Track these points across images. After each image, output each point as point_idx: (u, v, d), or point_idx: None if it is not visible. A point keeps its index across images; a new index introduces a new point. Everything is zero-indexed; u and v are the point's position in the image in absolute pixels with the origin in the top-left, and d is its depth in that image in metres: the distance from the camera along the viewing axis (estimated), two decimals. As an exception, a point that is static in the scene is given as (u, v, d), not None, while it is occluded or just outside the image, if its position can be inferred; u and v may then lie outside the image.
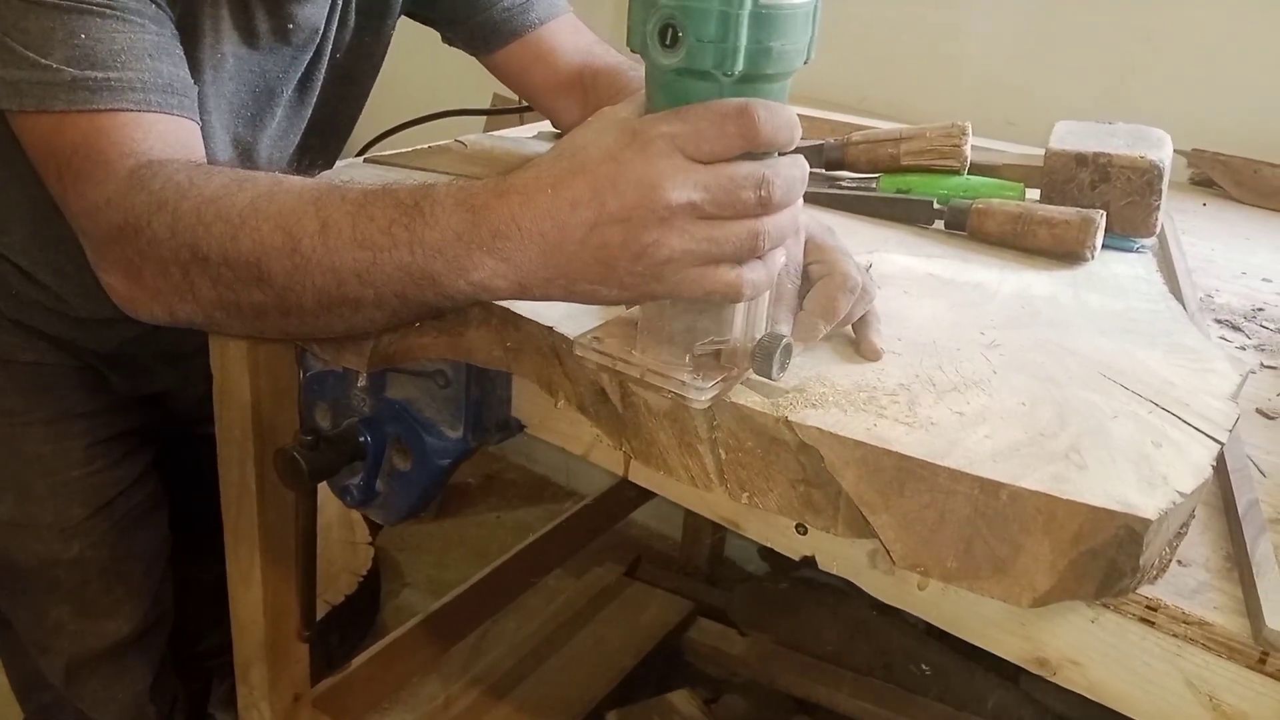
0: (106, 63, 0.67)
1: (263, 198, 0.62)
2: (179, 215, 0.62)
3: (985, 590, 0.53)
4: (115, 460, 1.04)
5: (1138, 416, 0.58)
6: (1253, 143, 1.30)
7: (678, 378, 0.57)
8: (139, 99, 0.68)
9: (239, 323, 0.65)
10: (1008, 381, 0.61)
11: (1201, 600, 0.53)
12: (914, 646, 1.61)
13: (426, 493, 0.79)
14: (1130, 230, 0.86)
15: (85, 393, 1.01)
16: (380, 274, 0.58)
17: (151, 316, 0.67)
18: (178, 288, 0.64)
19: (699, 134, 0.52)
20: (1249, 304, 0.93)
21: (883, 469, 0.53)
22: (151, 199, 0.63)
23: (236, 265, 0.61)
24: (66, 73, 0.66)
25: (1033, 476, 0.51)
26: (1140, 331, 0.70)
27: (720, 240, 0.53)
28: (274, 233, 0.60)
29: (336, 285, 0.59)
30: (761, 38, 0.50)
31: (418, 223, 0.57)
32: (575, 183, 0.54)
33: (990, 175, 0.97)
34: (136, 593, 1.09)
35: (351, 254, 0.58)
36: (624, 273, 0.54)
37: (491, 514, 2.18)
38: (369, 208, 0.59)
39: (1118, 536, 0.49)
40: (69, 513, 1.01)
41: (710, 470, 0.60)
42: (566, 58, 1.01)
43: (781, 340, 0.57)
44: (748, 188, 0.52)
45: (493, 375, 0.75)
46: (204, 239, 0.61)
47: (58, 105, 0.66)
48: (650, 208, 0.52)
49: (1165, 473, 0.52)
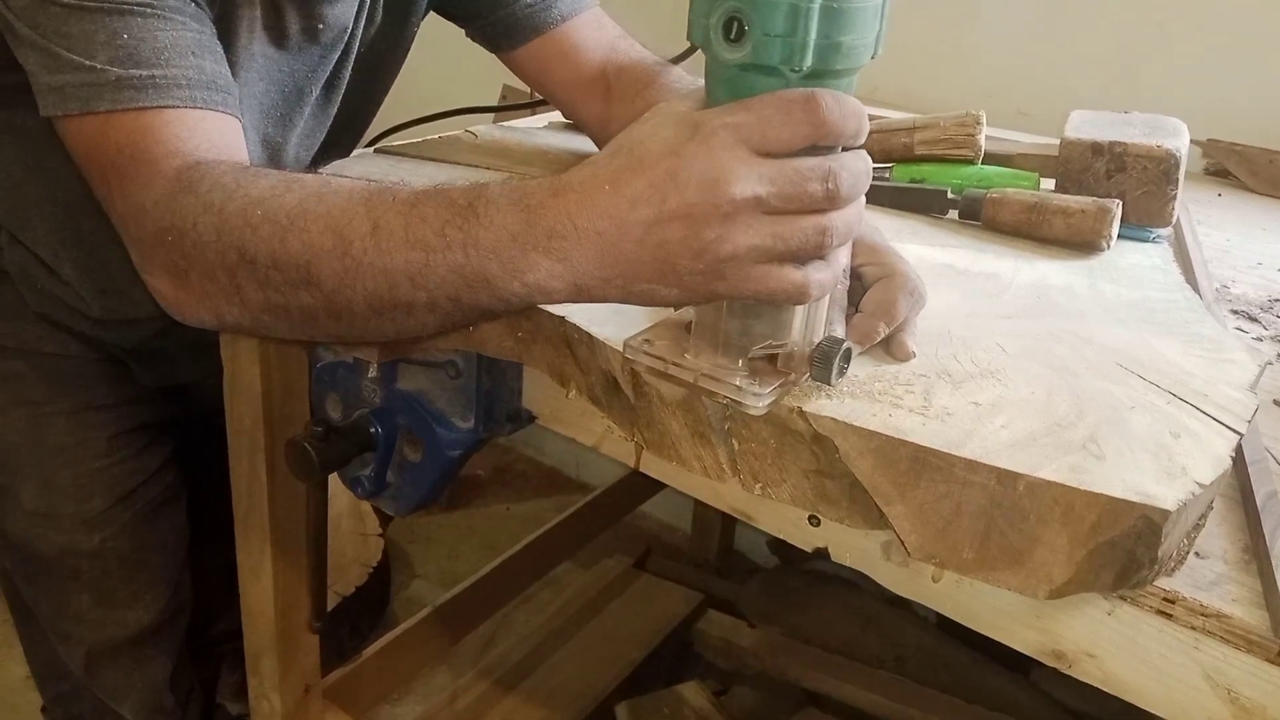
0: (150, 61, 0.66)
1: (311, 198, 0.61)
2: (225, 217, 0.61)
3: (1001, 582, 0.52)
4: (137, 451, 1.04)
5: (1156, 407, 0.57)
6: (1268, 132, 1.29)
7: (733, 383, 0.55)
8: (184, 96, 0.67)
9: (287, 326, 0.64)
10: (1024, 371, 0.60)
11: (1219, 593, 0.52)
12: (924, 639, 1.61)
13: (437, 484, 0.78)
14: (1146, 220, 0.85)
15: (108, 385, 1.01)
16: (433, 276, 0.57)
17: (198, 320, 0.67)
18: (225, 291, 0.63)
19: (764, 124, 0.50)
20: (1265, 295, 0.92)
21: (898, 459, 0.53)
22: (198, 201, 0.63)
23: (285, 267, 0.60)
24: (111, 72, 0.65)
25: (1050, 467, 0.50)
26: (1157, 321, 0.70)
27: (786, 236, 0.52)
28: (324, 234, 0.59)
29: (389, 288, 0.58)
30: (831, 32, 0.49)
31: (471, 223, 0.56)
32: (634, 179, 0.52)
33: (1005, 165, 0.97)
34: (157, 583, 1.10)
35: (404, 255, 0.57)
36: (684, 271, 0.53)
37: (501, 506, 2.18)
38: (421, 208, 0.57)
39: (1136, 528, 0.49)
40: (90, 503, 1.02)
41: (723, 461, 0.60)
42: (589, 54, 0.99)
43: (841, 344, 0.55)
44: (815, 181, 0.51)
45: (504, 366, 0.75)
46: (251, 241, 0.61)
47: (103, 105, 0.66)
48: (714, 203, 0.51)
49: (1184, 463, 0.52)
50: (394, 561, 1.90)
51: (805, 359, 0.56)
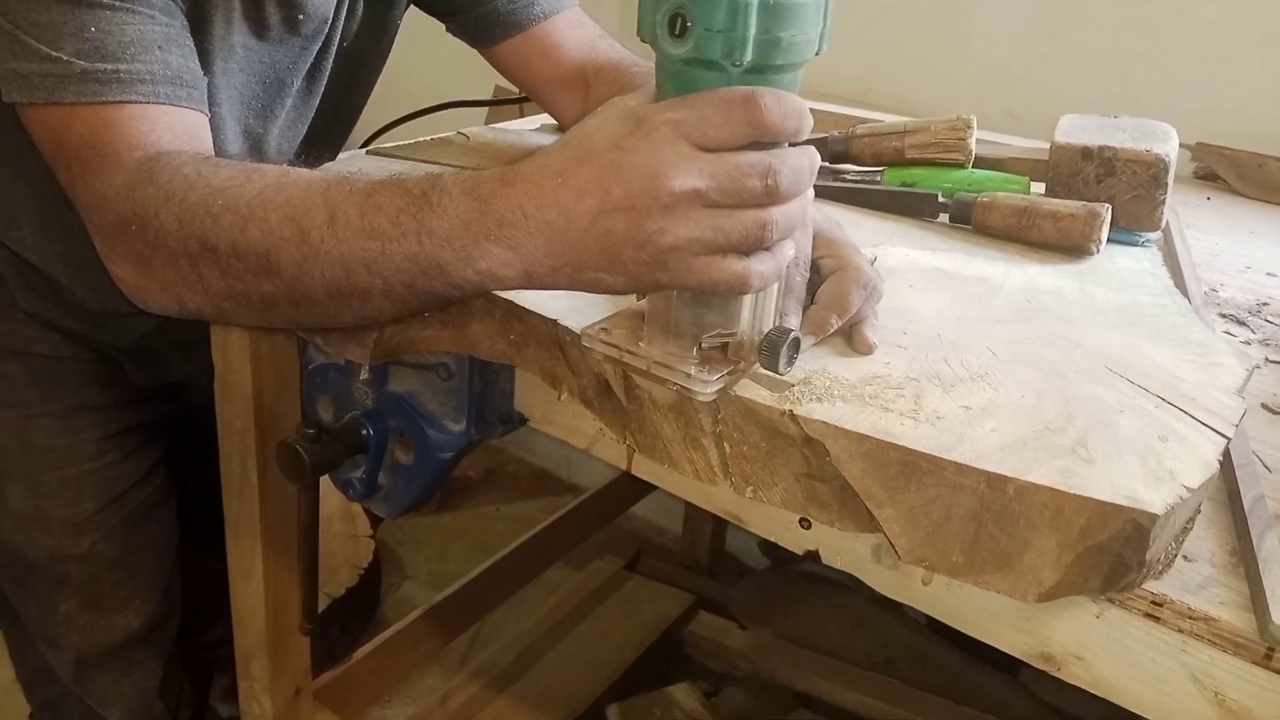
0: (116, 55, 0.67)
1: (271, 188, 0.62)
2: (186, 206, 0.62)
3: (991, 585, 0.53)
4: (126, 454, 1.04)
5: (1144, 411, 0.58)
6: (1257, 136, 1.30)
7: (683, 370, 0.57)
8: (147, 91, 0.68)
9: (248, 313, 0.65)
10: (1013, 375, 0.61)
11: (1207, 596, 0.52)
12: (915, 640, 1.62)
13: (429, 486, 0.78)
14: (1135, 224, 0.86)
15: (99, 386, 1.01)
16: (389, 264, 0.58)
17: (161, 307, 0.67)
18: (186, 279, 0.64)
19: (705, 120, 0.51)
20: (1254, 299, 0.93)
21: (888, 463, 0.53)
22: (159, 190, 0.63)
23: (245, 256, 0.61)
24: (76, 65, 0.66)
25: (1040, 471, 0.51)
26: (1146, 325, 0.70)
27: (726, 229, 0.53)
28: (282, 224, 0.60)
29: (345, 276, 0.59)
30: (771, 28, 0.50)
31: (425, 212, 0.57)
32: (581, 171, 0.54)
33: (995, 169, 0.97)
34: (146, 587, 1.09)
35: (360, 244, 0.58)
36: (629, 261, 0.54)
37: (492, 507, 2.18)
38: (376, 197, 0.59)
39: (1124, 531, 0.49)
40: (80, 506, 1.01)
41: (714, 464, 0.60)
42: (569, 52, 1.00)
43: (789, 334, 0.56)
44: (754, 176, 0.52)
45: (496, 368, 0.75)
46: (212, 230, 0.62)
47: (68, 97, 0.66)
48: (654, 195, 0.52)
49: (1172, 467, 0.52)
50: (384, 563, 1.89)
51: (754, 348, 0.57)
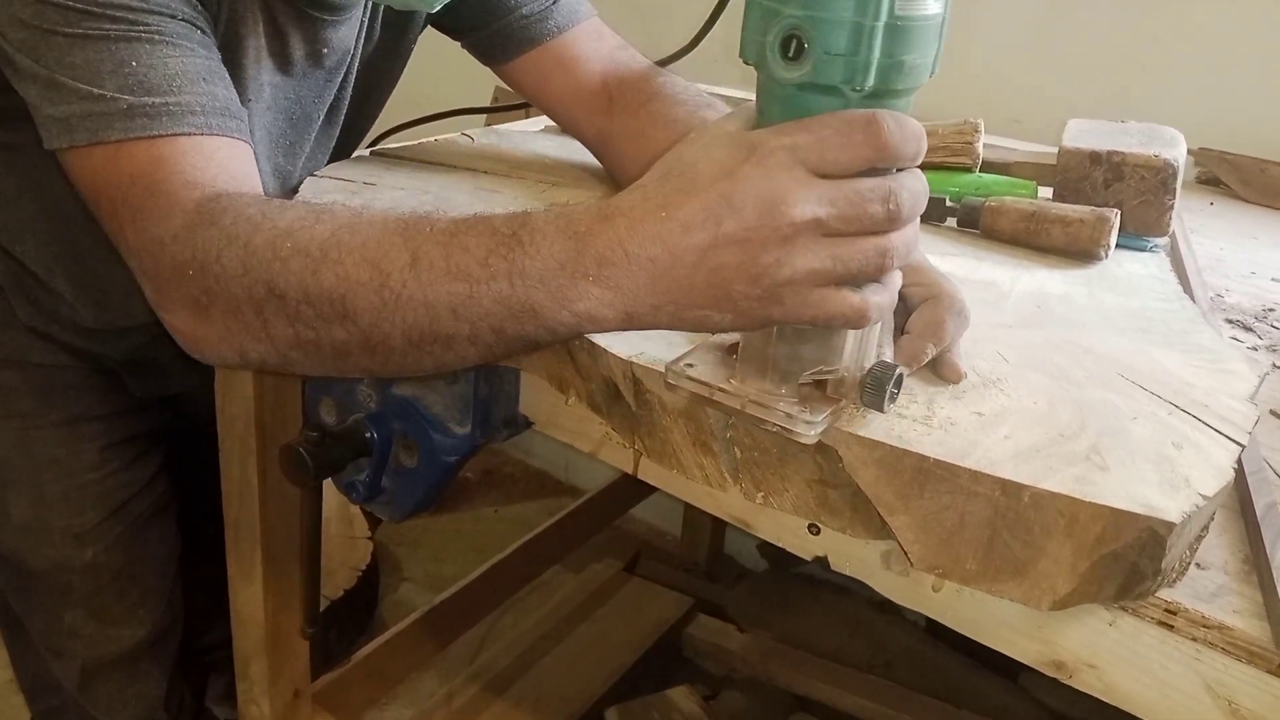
0: (162, 88, 0.64)
1: (344, 230, 0.59)
2: (252, 250, 0.59)
3: (1004, 593, 0.52)
4: (128, 463, 1.03)
5: (1157, 417, 0.57)
6: (1260, 142, 1.30)
7: (782, 410, 0.54)
8: (199, 123, 0.65)
9: (317, 362, 0.61)
10: (1025, 381, 0.60)
11: (1221, 604, 0.52)
12: (913, 644, 1.61)
13: (432, 489, 0.78)
14: (1144, 229, 0.86)
15: (99, 395, 0.99)
16: (477, 308, 0.55)
17: (220, 358, 0.64)
18: (250, 327, 0.60)
19: (823, 145, 0.49)
20: (1259, 304, 0.93)
21: (901, 470, 0.52)
22: (221, 234, 0.60)
23: (318, 302, 0.58)
24: (122, 100, 0.63)
25: (1055, 478, 0.50)
26: (1156, 331, 0.70)
27: (846, 259, 0.50)
28: (359, 266, 0.57)
29: (429, 321, 0.56)
30: (894, 51, 0.48)
31: (517, 252, 0.54)
32: (687, 203, 0.51)
33: (1002, 173, 0.97)
34: (150, 597, 1.08)
35: (446, 287, 0.55)
36: (739, 297, 0.51)
37: (490, 509, 2.17)
38: (463, 237, 0.56)
39: (1140, 539, 0.49)
40: (82, 517, 1.00)
41: (725, 469, 0.59)
42: (588, 65, 0.96)
43: (894, 371, 0.53)
44: (876, 202, 0.50)
45: (501, 372, 0.74)
46: (280, 275, 0.58)
47: (113, 135, 0.63)
48: (772, 226, 0.49)
49: (1187, 475, 0.52)
50: (382, 565, 1.89)
51: (856, 384, 0.54)
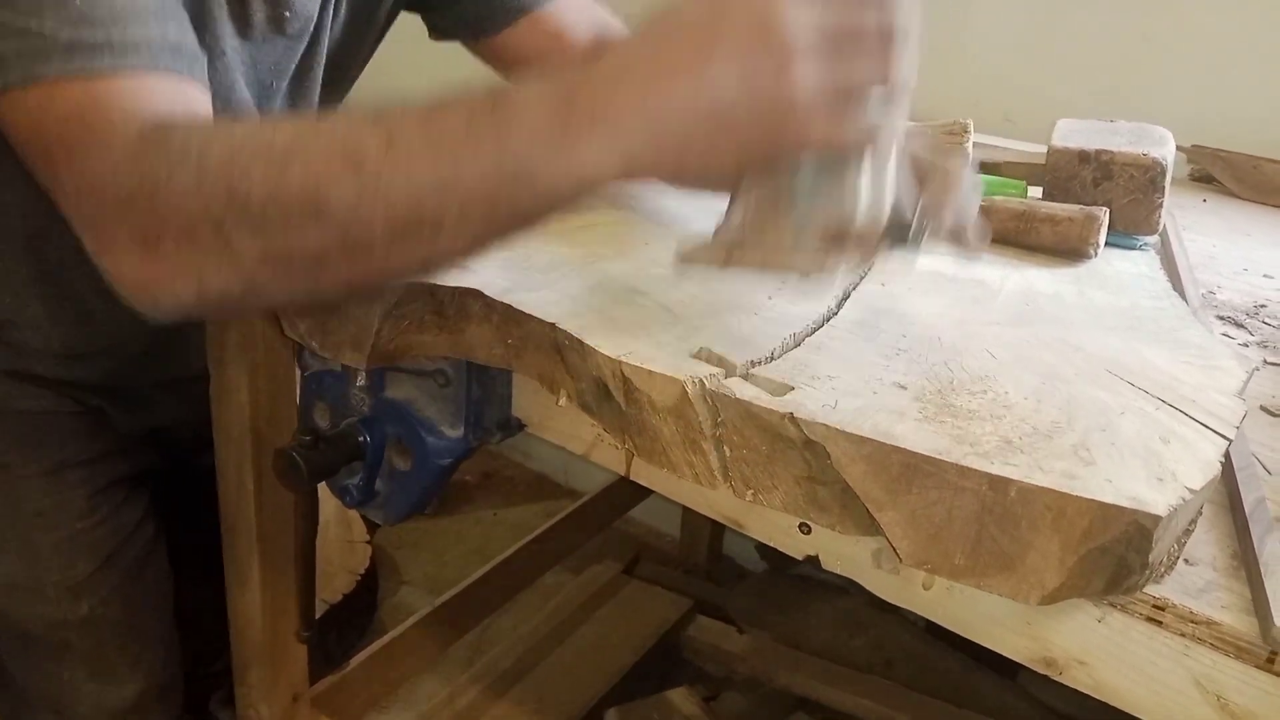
0: (105, 21, 0.58)
1: (307, 130, 0.55)
2: (206, 164, 0.54)
3: (993, 588, 0.52)
4: (116, 507, 0.98)
5: (1145, 413, 0.57)
6: (1253, 139, 1.30)
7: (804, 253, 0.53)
8: (144, 60, 0.59)
9: (288, 279, 0.57)
10: (1013, 378, 0.60)
11: (1209, 599, 0.52)
12: (913, 643, 1.62)
13: (426, 492, 0.78)
14: (1133, 228, 0.86)
15: (84, 439, 0.95)
16: (464, 181, 0.51)
17: (174, 298, 0.58)
18: (209, 249, 0.55)
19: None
20: (1251, 300, 0.93)
21: (890, 465, 0.53)
22: (169, 156, 0.55)
23: (286, 202, 0.53)
24: (62, 35, 0.57)
25: (1042, 472, 0.50)
26: (1145, 328, 0.70)
27: (849, 70, 0.48)
28: (330, 159, 0.53)
29: (414, 203, 0.52)
30: None
31: (502, 110, 0.51)
32: (678, 35, 0.49)
33: (992, 173, 0.97)
34: (152, 645, 1.04)
35: (428, 161, 0.52)
36: (740, 125, 0.49)
37: (489, 512, 2.17)
38: (439, 112, 0.53)
39: (1128, 533, 0.49)
40: (75, 569, 0.95)
41: (714, 467, 0.59)
42: (578, 34, 0.95)
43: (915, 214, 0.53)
44: (870, 6, 0.49)
45: (493, 374, 0.75)
46: (241, 182, 0.53)
47: (50, 72, 0.57)
48: (766, 42, 0.47)
49: (1174, 469, 0.52)
50: (381, 568, 1.89)
51: (874, 234, 0.53)
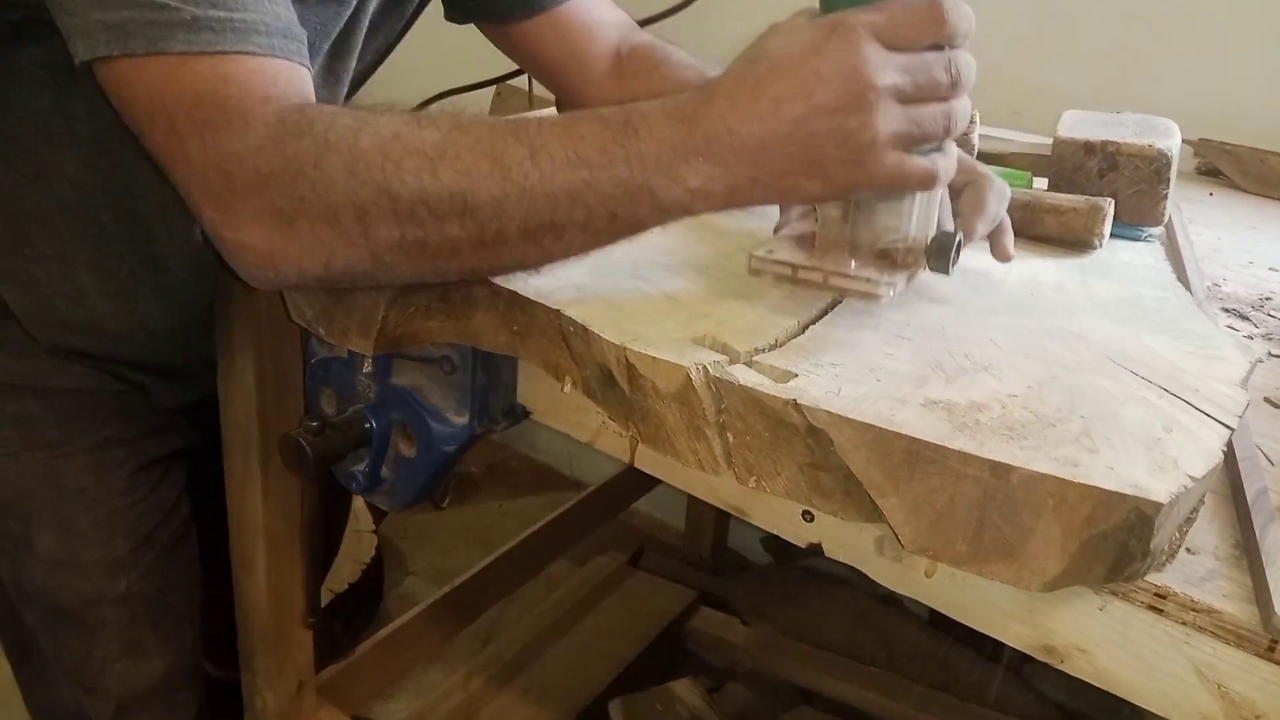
0: (227, 3, 0.62)
1: (455, 130, 0.61)
2: (358, 154, 0.60)
3: (995, 574, 0.53)
4: (155, 485, 1.00)
5: (1148, 402, 0.58)
6: (1259, 132, 1.30)
7: (863, 275, 0.62)
8: (264, 43, 0.63)
9: (415, 265, 0.63)
10: (1016, 366, 0.61)
11: (1210, 588, 0.52)
12: (916, 635, 1.62)
13: (432, 479, 0.78)
14: (1138, 219, 0.86)
15: (125, 417, 0.96)
16: (596, 192, 0.59)
17: (299, 271, 0.63)
18: (346, 233, 0.60)
19: (895, 22, 0.57)
20: (1256, 293, 0.93)
21: (892, 452, 0.53)
22: (317, 141, 0.60)
23: (435, 200, 0.60)
24: (186, 11, 0.60)
25: (1044, 459, 0.51)
26: (1149, 318, 0.70)
27: (920, 121, 0.58)
28: (479, 161, 0.59)
29: (550, 209, 0.60)
30: None
31: (631, 138, 0.59)
32: (780, 80, 0.57)
33: (998, 164, 0.97)
34: (182, 624, 1.05)
35: (567, 175, 0.59)
36: (829, 161, 0.57)
37: (494, 503, 2.18)
38: (576, 128, 0.60)
39: (1129, 520, 0.49)
40: (113, 546, 0.97)
41: (718, 454, 0.60)
42: (606, 30, 0.98)
43: (954, 237, 0.62)
44: (940, 69, 0.58)
45: (499, 361, 0.75)
46: (395, 175, 0.59)
47: (175, 46, 0.60)
48: (857, 93, 0.56)
49: (1176, 457, 0.52)
50: (387, 558, 1.90)
51: (922, 251, 0.62)
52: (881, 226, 0.62)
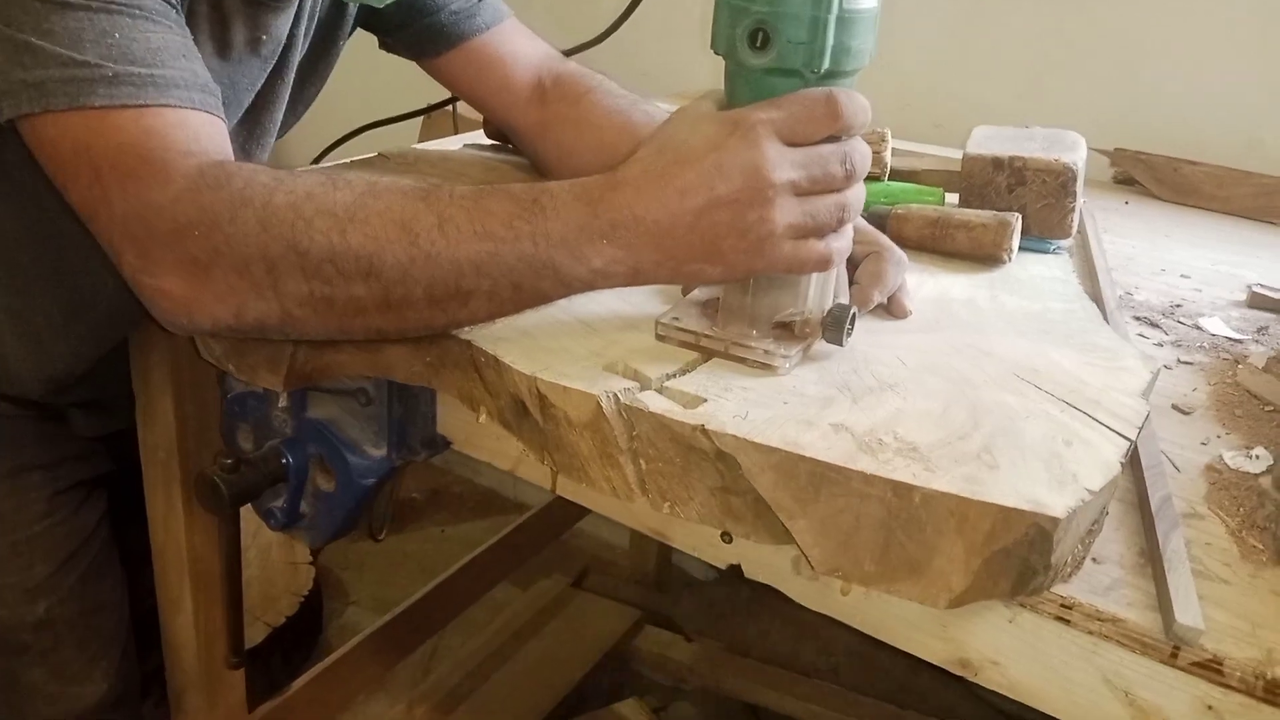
0: (146, 60, 0.65)
1: (366, 195, 0.62)
2: (271, 210, 0.62)
3: (903, 593, 0.53)
4: (75, 509, 0.99)
5: (1050, 416, 0.59)
6: (1173, 141, 1.33)
7: (761, 348, 0.63)
8: (184, 96, 0.66)
9: (322, 321, 0.64)
10: (922, 384, 0.61)
11: (1115, 597, 0.53)
12: (859, 646, 1.63)
13: (352, 513, 0.77)
14: (1047, 232, 0.87)
15: (44, 443, 0.96)
16: (500, 265, 0.61)
17: (212, 319, 0.65)
18: (257, 285, 0.63)
19: (793, 119, 0.59)
20: (1167, 300, 0.95)
21: (798, 474, 0.53)
22: (233, 195, 0.62)
23: (343, 259, 0.61)
24: (106, 68, 0.63)
25: (945, 478, 0.51)
26: (1056, 332, 0.71)
27: (815, 213, 0.60)
28: (387, 227, 0.61)
29: (455, 278, 0.61)
30: (844, 38, 0.57)
31: (539, 216, 0.60)
32: (684, 172, 0.59)
33: (910, 180, 0.98)
34: (110, 647, 1.04)
35: (473, 246, 0.60)
36: (729, 250, 0.60)
37: (437, 529, 2.16)
38: (486, 202, 0.61)
39: (1029, 535, 0.50)
40: (32, 571, 0.96)
41: (631, 480, 0.60)
42: (522, 60, 0.99)
43: (849, 310, 0.63)
44: (836, 163, 0.60)
45: (416, 392, 0.74)
46: (304, 234, 0.61)
47: (97, 101, 0.63)
48: (757, 188, 0.58)
49: (1075, 471, 0.53)
50: (327, 589, 1.87)
51: (819, 324, 0.64)
52: (780, 302, 0.64)
